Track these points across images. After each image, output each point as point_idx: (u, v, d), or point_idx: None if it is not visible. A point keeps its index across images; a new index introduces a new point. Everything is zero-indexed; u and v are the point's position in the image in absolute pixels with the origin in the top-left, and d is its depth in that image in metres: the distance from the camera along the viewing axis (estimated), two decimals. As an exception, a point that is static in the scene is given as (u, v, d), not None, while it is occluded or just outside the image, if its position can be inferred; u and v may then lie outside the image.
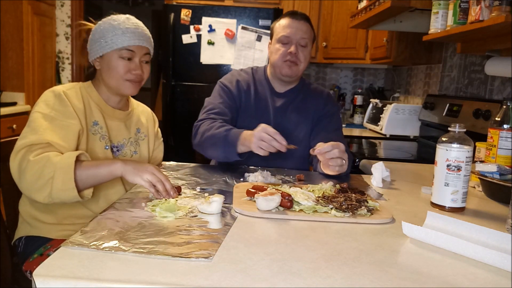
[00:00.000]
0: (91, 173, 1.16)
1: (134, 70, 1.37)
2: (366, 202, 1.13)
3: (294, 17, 1.71)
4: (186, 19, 3.45)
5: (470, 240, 0.91)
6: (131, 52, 1.35)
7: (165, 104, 3.60)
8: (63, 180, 1.11)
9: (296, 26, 1.69)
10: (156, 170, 1.17)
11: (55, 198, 1.13)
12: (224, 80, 1.80)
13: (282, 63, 1.69)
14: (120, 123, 1.45)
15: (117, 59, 1.35)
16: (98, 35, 1.35)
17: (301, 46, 1.69)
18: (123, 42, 1.33)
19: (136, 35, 1.35)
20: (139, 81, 1.40)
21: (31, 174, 1.13)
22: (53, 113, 1.25)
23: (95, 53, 1.37)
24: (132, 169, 1.16)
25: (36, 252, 1.27)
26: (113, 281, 0.69)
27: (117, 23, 1.35)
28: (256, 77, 1.81)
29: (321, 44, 3.65)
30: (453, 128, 1.16)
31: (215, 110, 1.69)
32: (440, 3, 1.80)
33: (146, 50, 1.39)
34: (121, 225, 0.94)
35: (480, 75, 2.26)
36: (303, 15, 1.74)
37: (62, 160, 1.13)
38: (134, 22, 1.38)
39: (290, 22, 1.70)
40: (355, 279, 0.74)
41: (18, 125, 3.20)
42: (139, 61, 1.38)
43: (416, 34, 2.61)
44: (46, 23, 3.80)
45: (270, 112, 1.75)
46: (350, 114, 3.89)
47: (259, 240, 0.90)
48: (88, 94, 1.39)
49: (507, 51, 1.83)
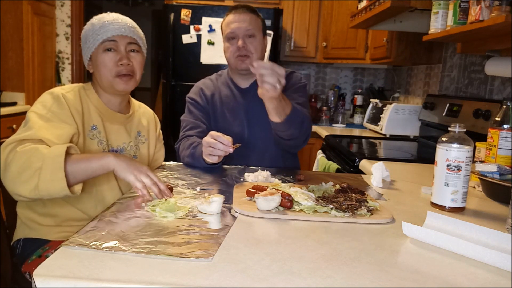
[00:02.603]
0: (82, 166, 1.11)
1: (121, 61, 1.33)
2: (366, 202, 1.13)
3: (235, 12, 1.71)
4: (186, 19, 3.45)
5: (470, 240, 0.91)
6: (113, 42, 1.33)
7: (165, 104, 3.60)
8: (52, 170, 1.06)
9: (239, 20, 1.69)
10: (150, 171, 1.15)
11: (42, 190, 1.07)
12: (190, 94, 1.82)
13: (235, 59, 1.70)
14: (120, 126, 1.42)
15: (101, 54, 1.33)
16: (83, 39, 1.36)
17: (249, 37, 1.69)
18: (103, 35, 1.32)
19: (115, 26, 1.33)
20: (130, 73, 1.36)
21: (18, 165, 1.07)
22: (49, 115, 1.23)
23: (86, 57, 1.37)
24: (126, 166, 1.13)
25: (34, 254, 1.26)
26: (113, 281, 0.69)
27: (96, 21, 1.35)
28: (219, 81, 1.83)
29: (321, 44, 3.65)
30: (453, 128, 1.16)
31: (189, 126, 1.73)
32: (440, 3, 1.80)
33: (129, 40, 1.36)
34: (121, 225, 0.94)
35: (480, 75, 2.26)
36: (244, 7, 1.73)
37: (51, 151, 1.09)
38: (113, 15, 1.37)
39: (232, 17, 1.70)
40: (355, 279, 0.74)
41: (18, 125, 3.20)
42: (125, 50, 1.35)
43: (416, 34, 2.61)
44: (46, 23, 3.81)
45: (241, 109, 1.76)
46: (350, 114, 3.89)
47: (259, 240, 0.90)
48: (88, 96, 1.37)
49: (507, 51, 1.83)
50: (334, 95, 3.91)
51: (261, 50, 1.73)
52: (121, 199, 1.14)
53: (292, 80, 1.78)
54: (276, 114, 1.48)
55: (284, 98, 1.50)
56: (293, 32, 3.72)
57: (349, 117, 3.88)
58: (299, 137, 1.61)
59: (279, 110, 1.47)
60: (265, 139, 1.74)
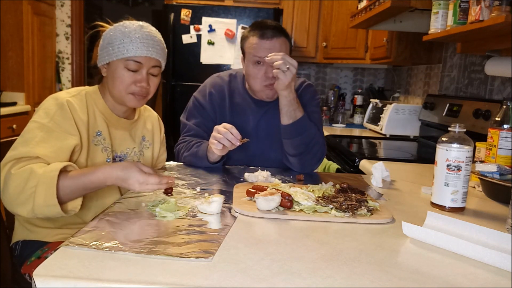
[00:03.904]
0: (78, 183, 1.08)
1: (140, 83, 1.29)
2: (366, 202, 1.13)
3: (264, 36, 1.54)
4: (186, 19, 3.45)
5: (470, 240, 0.91)
6: (138, 64, 1.27)
7: (165, 104, 3.60)
8: (45, 195, 1.04)
9: (269, 47, 1.52)
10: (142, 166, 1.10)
11: (38, 213, 1.06)
12: (198, 96, 1.72)
13: (262, 87, 1.59)
14: (125, 132, 1.40)
15: (122, 69, 1.27)
16: (106, 41, 1.29)
17: None
18: (130, 51, 1.25)
19: (145, 45, 1.26)
20: (144, 95, 1.32)
21: (14, 187, 1.06)
22: (51, 124, 1.18)
23: (102, 60, 1.31)
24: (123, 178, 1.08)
25: (33, 255, 1.25)
26: (113, 281, 0.69)
27: (128, 30, 1.27)
28: (232, 84, 1.71)
29: (321, 44, 3.65)
30: (453, 128, 1.16)
31: (190, 132, 1.68)
32: (440, 3, 1.80)
33: (155, 63, 1.31)
34: (121, 225, 0.94)
35: (480, 75, 2.26)
36: (273, 30, 1.55)
37: (45, 173, 1.05)
38: (147, 31, 1.29)
39: (261, 42, 1.54)
40: (355, 279, 0.74)
41: (18, 125, 3.20)
42: (147, 73, 1.30)
43: (416, 34, 2.61)
44: (46, 23, 3.80)
45: (251, 121, 1.67)
46: (350, 114, 3.89)
47: (259, 240, 0.90)
48: (94, 101, 1.32)
49: (507, 51, 1.83)
50: (334, 95, 3.91)
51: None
52: (121, 199, 1.14)
53: (308, 96, 1.69)
54: (287, 113, 1.47)
55: (298, 104, 1.49)
56: (293, 32, 3.72)
57: (349, 117, 3.87)
58: (305, 155, 1.56)
59: (290, 109, 1.46)
60: (273, 155, 1.68)
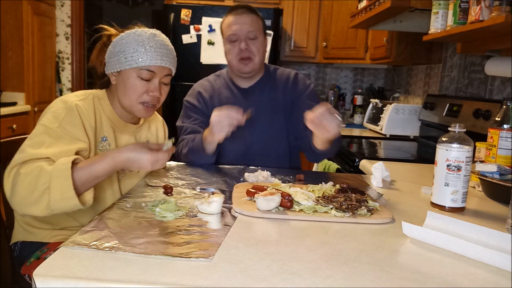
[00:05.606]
0: (89, 173, 1.06)
1: (152, 92, 1.28)
2: (366, 202, 1.13)
3: (236, 13, 1.69)
4: (186, 19, 3.45)
5: (470, 240, 0.91)
6: (151, 73, 1.26)
7: (165, 104, 3.59)
8: (61, 189, 1.02)
9: (240, 21, 1.67)
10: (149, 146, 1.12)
11: (54, 209, 1.03)
12: (188, 98, 1.80)
13: (237, 62, 1.69)
14: (130, 137, 1.40)
15: (135, 78, 1.25)
16: (118, 49, 1.26)
17: (250, 39, 1.67)
18: (144, 61, 1.24)
19: (159, 55, 1.25)
20: (155, 104, 1.31)
21: (24, 187, 1.03)
22: (59, 130, 1.15)
23: (112, 67, 1.28)
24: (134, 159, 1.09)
25: (32, 256, 1.25)
26: (113, 281, 0.69)
27: (141, 38, 1.25)
28: (218, 82, 1.81)
29: (321, 44, 3.65)
30: (453, 128, 1.16)
31: (188, 130, 1.71)
32: (440, 3, 1.80)
33: (167, 71, 1.30)
34: (121, 225, 0.94)
35: (480, 75, 2.26)
36: (245, 8, 1.71)
37: (57, 167, 1.03)
38: (160, 39, 1.28)
39: (233, 18, 1.69)
40: (355, 279, 0.74)
41: (18, 125, 3.20)
42: (159, 82, 1.29)
43: (416, 34, 2.61)
44: (46, 23, 3.81)
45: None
46: (350, 114, 3.89)
47: (259, 240, 0.90)
48: (101, 106, 1.31)
49: (507, 51, 1.83)
50: (334, 95, 3.91)
51: (263, 52, 1.72)
52: (121, 199, 1.14)
53: (300, 84, 1.78)
54: (322, 143, 1.51)
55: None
56: (293, 32, 3.72)
57: (349, 117, 3.87)
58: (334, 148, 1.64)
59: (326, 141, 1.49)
60: (269, 139, 1.73)
